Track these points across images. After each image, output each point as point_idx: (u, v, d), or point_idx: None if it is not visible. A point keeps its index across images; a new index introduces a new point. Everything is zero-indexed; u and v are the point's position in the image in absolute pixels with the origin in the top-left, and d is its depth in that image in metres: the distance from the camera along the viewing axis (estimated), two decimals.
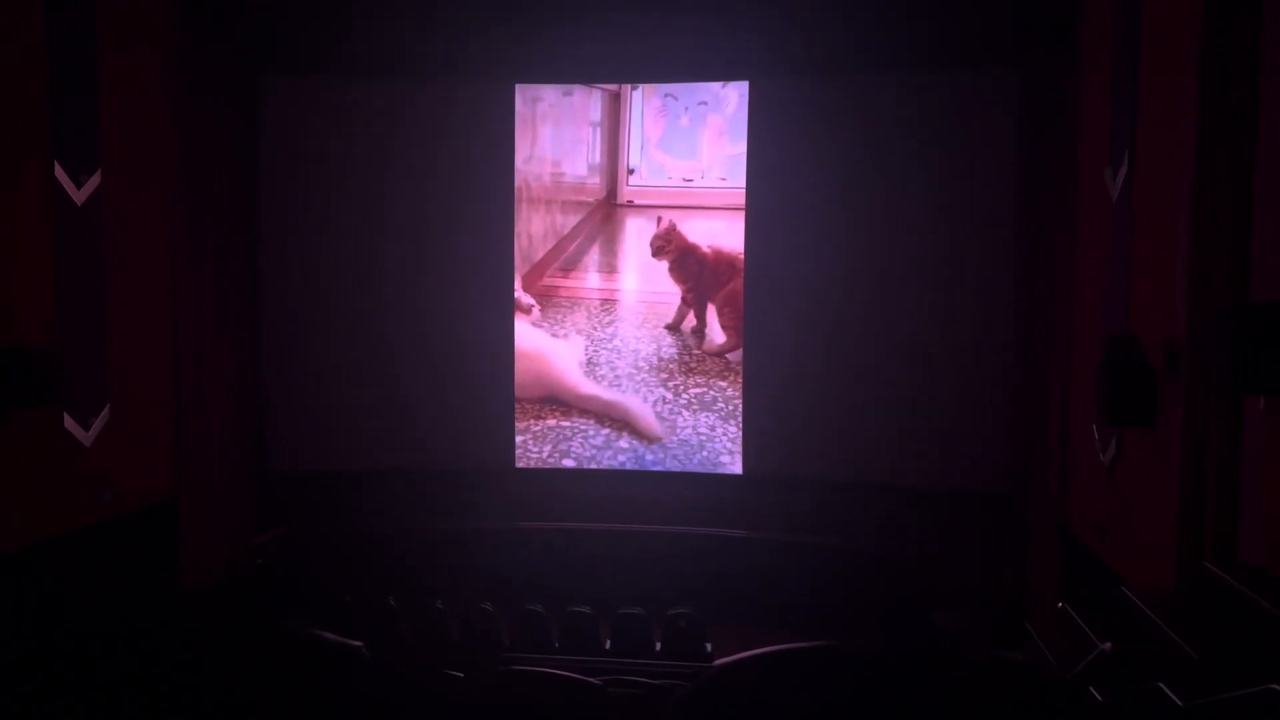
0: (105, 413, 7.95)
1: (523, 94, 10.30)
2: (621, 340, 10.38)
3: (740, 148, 9.99)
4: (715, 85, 10.09)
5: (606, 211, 10.41)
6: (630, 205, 10.36)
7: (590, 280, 10.49)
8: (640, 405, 10.27)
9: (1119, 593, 6.08)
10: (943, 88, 9.41)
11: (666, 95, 10.20)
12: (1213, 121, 5.41)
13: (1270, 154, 5.03)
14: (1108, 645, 5.24)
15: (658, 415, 10.24)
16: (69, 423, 7.59)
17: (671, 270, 10.26)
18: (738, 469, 10.07)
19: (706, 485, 10.08)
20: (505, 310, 10.37)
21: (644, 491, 10.15)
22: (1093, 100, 7.62)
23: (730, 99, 10.07)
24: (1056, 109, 8.37)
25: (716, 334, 10.22)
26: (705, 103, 10.17)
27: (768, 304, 9.93)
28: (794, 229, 9.81)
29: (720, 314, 10.18)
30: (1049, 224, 8.49)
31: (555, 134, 10.40)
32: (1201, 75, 5.47)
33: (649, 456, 10.20)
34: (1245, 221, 5.22)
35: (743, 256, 10.01)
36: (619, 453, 10.25)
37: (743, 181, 10.00)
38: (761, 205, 9.91)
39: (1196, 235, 5.48)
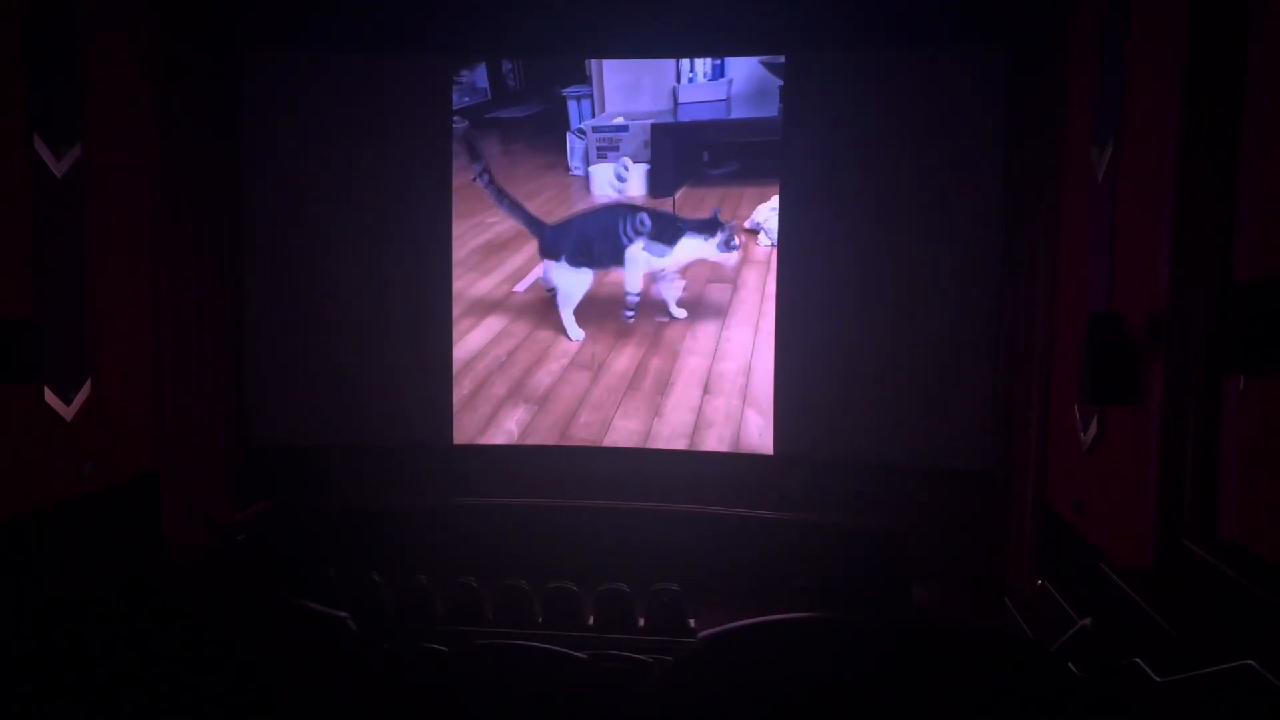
0: (86, 387, 7.90)
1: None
2: None
3: None
4: None
5: None
6: None
7: None
8: None
9: (1098, 569, 6.14)
10: (929, 65, 9.39)
11: None
12: (1198, 102, 5.42)
13: (1255, 135, 5.05)
14: (1087, 621, 5.29)
15: None
16: (49, 397, 7.54)
17: None
18: (722, 447, 10.08)
19: (691, 464, 10.10)
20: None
21: (629, 469, 10.16)
22: (1080, 78, 7.63)
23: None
24: (1043, 88, 8.37)
25: None
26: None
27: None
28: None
29: None
30: (1034, 202, 8.50)
31: None
32: (1187, 56, 5.48)
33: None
34: (1229, 201, 5.25)
35: None
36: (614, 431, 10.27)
37: None
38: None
39: (1180, 215, 5.51)
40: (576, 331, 10.40)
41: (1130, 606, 5.53)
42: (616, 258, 10.35)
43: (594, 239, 10.35)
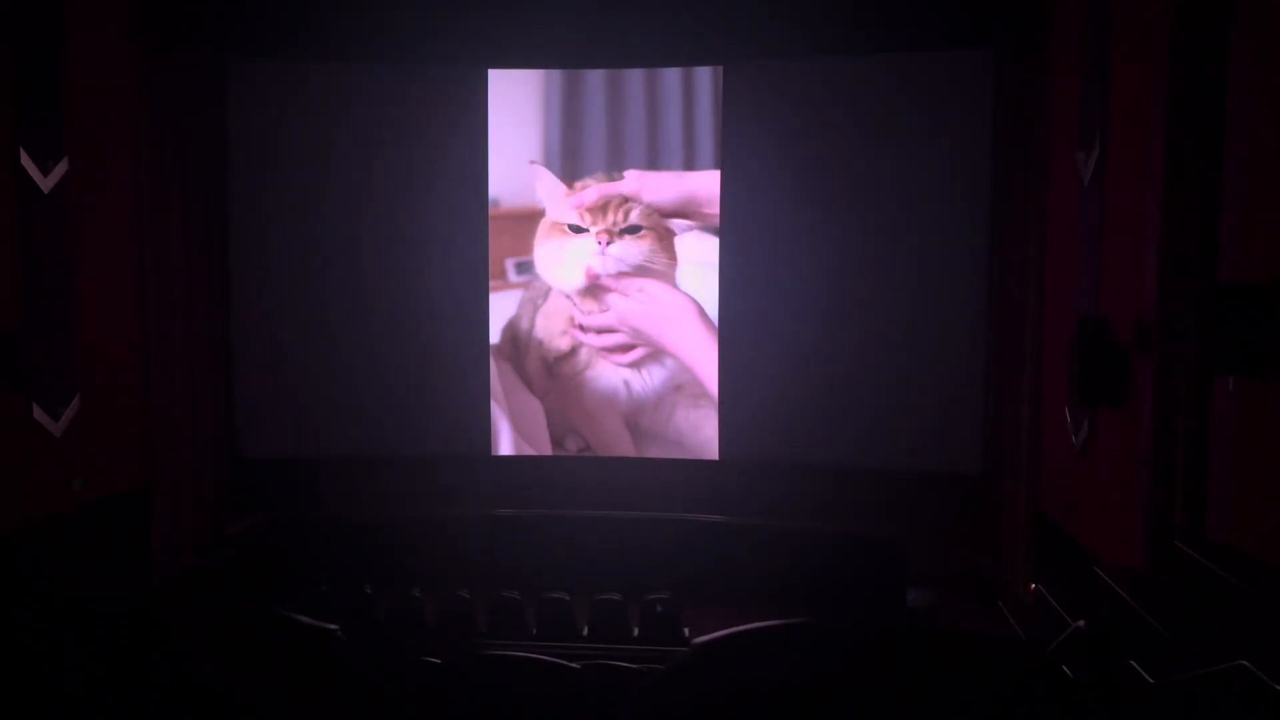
0: (75, 402, 7.86)
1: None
2: None
3: None
4: None
5: None
6: None
7: None
8: None
9: (1091, 572, 6.15)
10: (916, 70, 9.41)
11: None
12: (1183, 105, 5.45)
13: (1239, 138, 5.08)
14: (1081, 623, 5.30)
15: None
16: (38, 413, 7.50)
17: None
18: (715, 455, 10.07)
19: (684, 471, 10.09)
20: (480, 300, 10.30)
21: (621, 477, 10.14)
22: (1065, 83, 7.66)
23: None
24: (1029, 91, 8.40)
25: None
26: None
27: (741, 291, 9.90)
28: (767, 216, 9.79)
29: None
30: (1021, 206, 8.53)
31: None
32: (1171, 59, 5.50)
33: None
34: (1215, 204, 5.27)
35: None
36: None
37: None
38: (735, 192, 9.86)
39: (1167, 217, 5.53)
40: None
41: (1123, 608, 5.53)
42: None
43: None
